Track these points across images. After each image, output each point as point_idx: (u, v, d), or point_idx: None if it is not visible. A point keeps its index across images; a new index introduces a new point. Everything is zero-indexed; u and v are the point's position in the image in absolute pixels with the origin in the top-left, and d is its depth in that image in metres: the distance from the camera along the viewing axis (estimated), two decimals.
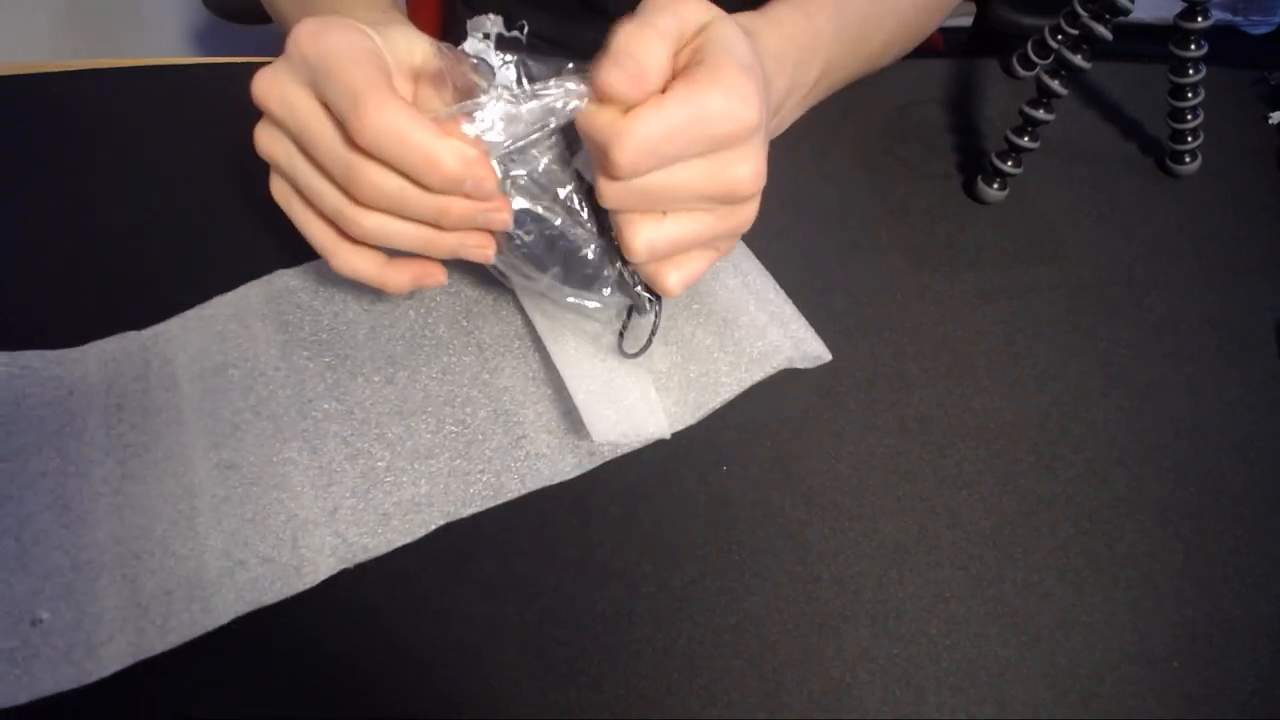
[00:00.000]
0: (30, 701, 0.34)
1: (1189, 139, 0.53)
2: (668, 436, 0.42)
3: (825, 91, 0.52)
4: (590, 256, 0.38)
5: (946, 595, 0.39)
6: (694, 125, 0.33)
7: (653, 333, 0.41)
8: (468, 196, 0.34)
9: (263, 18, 0.83)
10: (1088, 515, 0.41)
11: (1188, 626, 0.38)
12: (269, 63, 0.35)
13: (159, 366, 0.43)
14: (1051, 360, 0.46)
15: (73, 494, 0.39)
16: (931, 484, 0.42)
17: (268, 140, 0.36)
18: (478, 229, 0.36)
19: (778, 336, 0.44)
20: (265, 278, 0.46)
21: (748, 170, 0.35)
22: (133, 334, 0.44)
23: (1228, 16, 0.94)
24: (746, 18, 0.44)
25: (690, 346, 0.44)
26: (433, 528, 0.39)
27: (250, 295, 0.46)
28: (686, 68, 0.34)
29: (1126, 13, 0.44)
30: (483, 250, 0.37)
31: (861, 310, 0.48)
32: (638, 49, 0.33)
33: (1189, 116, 0.52)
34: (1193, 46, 0.49)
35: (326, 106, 0.33)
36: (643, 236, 0.36)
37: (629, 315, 0.42)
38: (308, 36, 0.33)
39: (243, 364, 0.43)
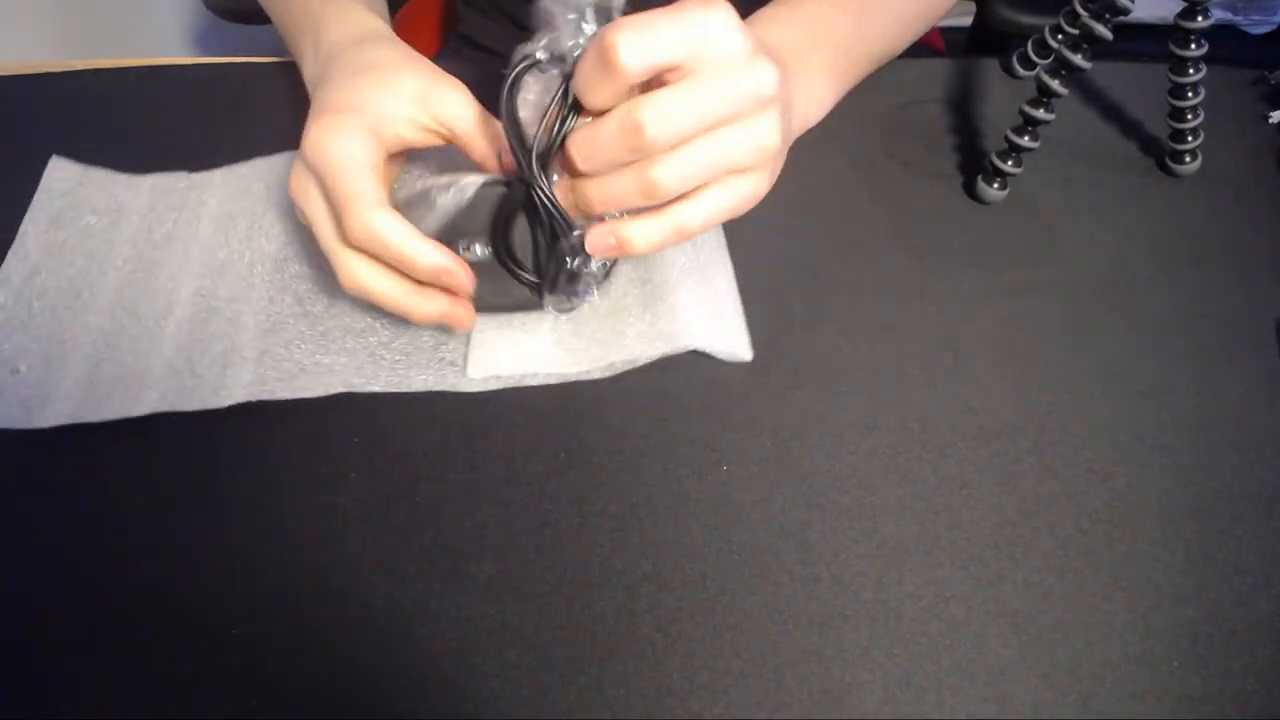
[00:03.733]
0: None
1: (1189, 139, 0.53)
2: (549, 377, 0.44)
3: (848, 62, 0.53)
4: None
5: (946, 595, 0.39)
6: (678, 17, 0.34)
7: (572, 299, 0.44)
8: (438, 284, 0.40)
9: (263, 18, 0.82)
10: (1088, 515, 0.41)
11: (1188, 626, 0.38)
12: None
13: (194, 205, 0.51)
14: (1051, 360, 0.46)
15: (85, 287, 0.47)
16: (931, 484, 0.42)
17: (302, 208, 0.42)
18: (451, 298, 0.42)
19: (695, 320, 0.45)
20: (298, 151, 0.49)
21: (735, 37, 0.35)
22: (184, 173, 0.52)
23: (1228, 16, 0.94)
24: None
25: (616, 303, 0.46)
26: (334, 391, 0.43)
27: (277, 162, 0.52)
28: None
29: (1126, 12, 0.44)
30: (461, 325, 0.43)
31: (861, 310, 0.48)
32: None
33: (1189, 116, 0.52)
34: (1193, 46, 0.49)
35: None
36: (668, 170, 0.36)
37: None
38: (311, 146, 0.39)
39: (249, 217, 0.50)
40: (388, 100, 0.41)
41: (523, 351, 0.45)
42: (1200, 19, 0.48)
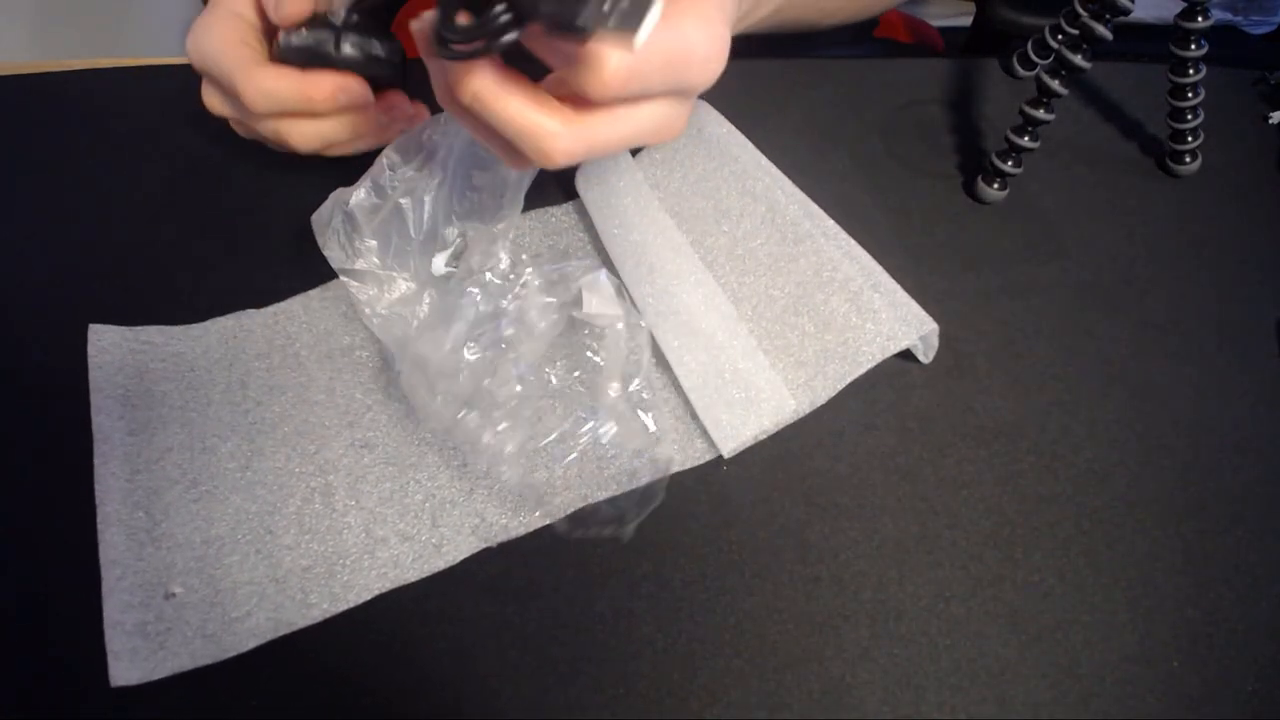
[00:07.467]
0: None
1: (1189, 139, 0.53)
2: (802, 414, 0.42)
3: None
4: None
5: (946, 595, 0.39)
6: (672, 58, 0.31)
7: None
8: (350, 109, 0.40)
9: None
10: (1088, 515, 0.41)
11: (1188, 626, 0.38)
12: None
13: (282, 345, 0.44)
14: (1051, 360, 0.46)
15: (200, 469, 0.40)
16: (931, 484, 0.42)
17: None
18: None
19: (904, 310, 0.44)
20: None
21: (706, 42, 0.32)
22: (253, 311, 0.45)
23: (1228, 16, 0.94)
24: None
25: (824, 314, 0.43)
26: (570, 510, 0.40)
27: None
28: None
29: (1126, 13, 0.44)
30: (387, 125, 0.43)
31: None
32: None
33: (1189, 116, 0.52)
34: (1193, 46, 0.49)
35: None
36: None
37: None
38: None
39: (370, 346, 0.44)
40: None
41: (764, 415, 0.42)
42: (1200, 19, 0.48)
